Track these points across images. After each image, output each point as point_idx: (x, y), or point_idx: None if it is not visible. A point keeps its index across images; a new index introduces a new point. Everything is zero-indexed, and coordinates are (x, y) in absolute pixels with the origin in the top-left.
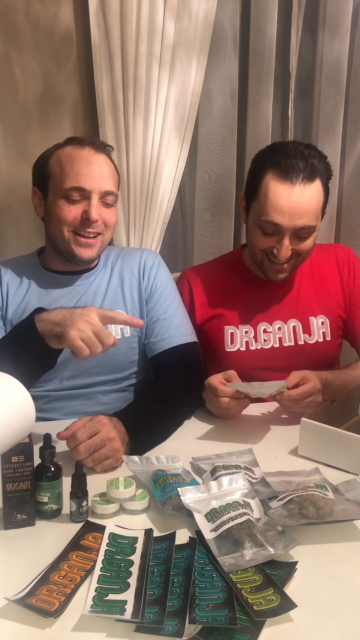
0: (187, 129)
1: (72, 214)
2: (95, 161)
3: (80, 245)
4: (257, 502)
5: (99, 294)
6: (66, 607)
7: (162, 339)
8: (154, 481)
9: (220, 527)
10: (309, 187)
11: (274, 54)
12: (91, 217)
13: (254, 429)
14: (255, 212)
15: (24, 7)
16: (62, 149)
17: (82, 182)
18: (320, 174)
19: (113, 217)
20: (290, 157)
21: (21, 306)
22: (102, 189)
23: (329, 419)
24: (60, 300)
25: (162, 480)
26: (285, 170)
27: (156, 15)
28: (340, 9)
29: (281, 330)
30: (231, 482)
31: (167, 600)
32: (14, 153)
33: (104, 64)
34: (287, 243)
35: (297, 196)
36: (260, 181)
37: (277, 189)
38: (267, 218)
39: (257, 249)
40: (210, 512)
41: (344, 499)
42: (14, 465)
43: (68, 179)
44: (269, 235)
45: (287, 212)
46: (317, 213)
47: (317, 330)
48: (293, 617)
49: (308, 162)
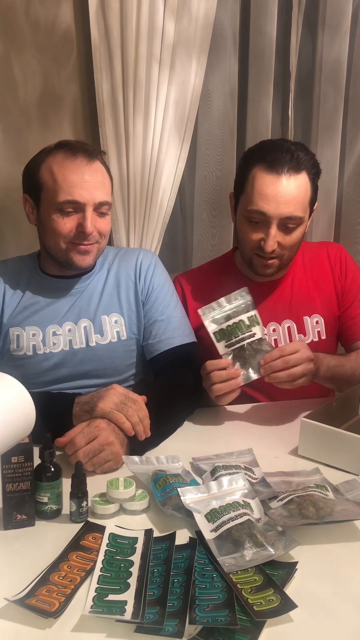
0: (187, 129)
1: (67, 226)
2: (89, 171)
3: (79, 253)
4: (257, 502)
5: (95, 297)
6: (66, 607)
7: (160, 340)
8: (154, 481)
9: (220, 527)
10: (295, 177)
11: (274, 54)
12: (86, 231)
13: (254, 429)
14: (242, 205)
15: (24, 7)
16: (53, 156)
17: (76, 196)
18: (306, 167)
19: (107, 225)
20: (277, 151)
21: (17, 309)
22: (97, 201)
23: (329, 419)
24: (55, 303)
25: (162, 480)
26: (271, 162)
27: (156, 15)
28: (340, 9)
29: (276, 332)
30: (231, 483)
31: (167, 601)
32: (13, 153)
33: (104, 64)
34: (273, 232)
35: (283, 186)
36: (247, 175)
37: (263, 179)
38: (254, 207)
39: (246, 246)
40: (210, 513)
41: (344, 499)
42: (14, 466)
43: (61, 191)
44: (256, 227)
45: (272, 201)
46: (304, 204)
47: (312, 330)
48: (293, 617)
49: (294, 155)
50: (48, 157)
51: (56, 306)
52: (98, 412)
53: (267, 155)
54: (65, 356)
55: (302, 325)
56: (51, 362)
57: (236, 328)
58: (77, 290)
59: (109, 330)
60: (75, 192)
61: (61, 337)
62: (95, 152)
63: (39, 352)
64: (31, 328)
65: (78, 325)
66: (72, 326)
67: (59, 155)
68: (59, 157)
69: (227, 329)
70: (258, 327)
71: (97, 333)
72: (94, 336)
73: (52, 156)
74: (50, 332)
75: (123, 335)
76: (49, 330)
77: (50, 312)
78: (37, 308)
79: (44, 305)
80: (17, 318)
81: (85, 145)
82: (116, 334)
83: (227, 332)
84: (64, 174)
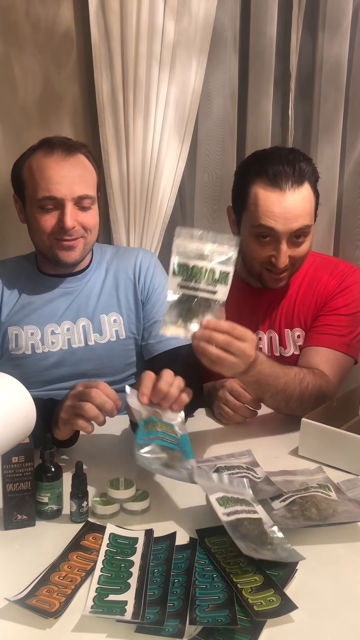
0: (187, 129)
1: (48, 223)
2: (66, 165)
3: (64, 249)
4: (261, 509)
5: (93, 296)
6: (66, 607)
7: (160, 340)
8: (144, 422)
9: (234, 514)
10: (300, 191)
11: (274, 54)
12: (65, 226)
13: (254, 429)
14: (247, 222)
15: (24, 7)
16: (34, 154)
17: (53, 191)
18: (308, 177)
19: (92, 219)
20: (276, 163)
21: (14, 309)
22: (75, 195)
23: (329, 419)
24: (53, 302)
25: (151, 424)
26: (273, 177)
27: (156, 15)
28: (340, 9)
29: (262, 341)
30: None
31: (168, 601)
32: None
33: (104, 64)
34: (284, 249)
35: (289, 202)
36: (248, 191)
37: (267, 197)
38: (262, 222)
39: (254, 262)
40: (222, 498)
41: (346, 499)
42: (14, 466)
43: (40, 188)
44: (264, 243)
45: (281, 217)
46: (311, 214)
47: (294, 344)
48: (293, 617)
49: (295, 167)
50: (30, 156)
51: (54, 305)
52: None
53: (267, 169)
54: (64, 355)
55: (284, 337)
56: (50, 361)
57: (201, 274)
58: (75, 289)
59: (107, 329)
60: (52, 187)
61: (60, 336)
62: (75, 146)
63: (38, 351)
64: (29, 327)
65: (77, 324)
66: (70, 325)
67: (39, 152)
68: (39, 155)
69: (193, 270)
70: (225, 288)
71: (96, 332)
72: (93, 335)
73: (34, 154)
74: (48, 331)
75: (122, 334)
76: (48, 329)
77: (48, 311)
78: (35, 307)
79: (42, 304)
80: (15, 317)
81: (66, 140)
82: (115, 333)
83: (191, 272)
84: (41, 170)
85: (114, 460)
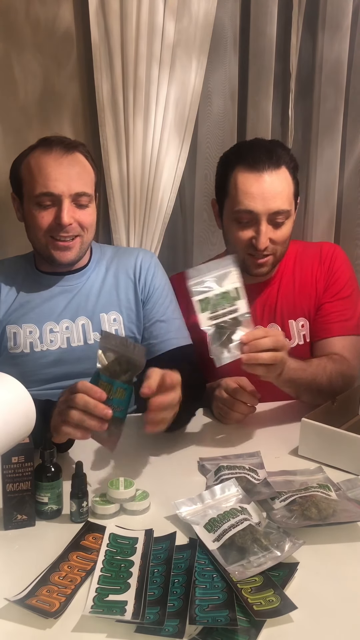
0: (187, 129)
1: (45, 219)
2: (64, 163)
3: (59, 249)
4: (253, 507)
5: (93, 295)
6: (66, 607)
7: (161, 340)
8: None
9: (223, 536)
10: (277, 173)
11: (274, 54)
12: (62, 222)
13: (254, 429)
14: (228, 207)
15: (24, 7)
16: (32, 153)
17: (51, 187)
18: (285, 162)
19: (89, 217)
20: (255, 150)
21: (12, 307)
22: (73, 191)
23: (330, 419)
24: (51, 300)
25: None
26: (252, 162)
27: (156, 15)
28: (340, 9)
29: None
30: (224, 490)
31: (168, 601)
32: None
33: (104, 64)
34: (264, 229)
35: (267, 182)
36: (229, 178)
37: (246, 178)
38: (241, 207)
39: (238, 248)
40: (209, 523)
41: (346, 499)
42: (14, 466)
43: (37, 185)
44: (245, 226)
45: (259, 198)
46: (289, 197)
47: (298, 334)
48: (293, 617)
49: (272, 152)
50: (28, 154)
51: (52, 303)
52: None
53: (246, 156)
54: (63, 354)
55: (288, 328)
56: (49, 360)
57: (223, 299)
58: (74, 288)
59: (107, 328)
60: (50, 184)
61: (58, 334)
62: (73, 144)
63: (36, 350)
64: (28, 325)
65: (76, 322)
66: (69, 324)
67: (37, 150)
68: (37, 153)
69: (213, 299)
70: (244, 300)
71: (96, 331)
72: (92, 334)
73: (32, 152)
74: (47, 330)
75: (121, 333)
76: (46, 328)
77: (47, 309)
78: (33, 305)
79: (40, 303)
80: (14, 315)
81: (64, 139)
82: (115, 332)
83: (212, 303)
84: (39, 167)
85: (114, 460)
